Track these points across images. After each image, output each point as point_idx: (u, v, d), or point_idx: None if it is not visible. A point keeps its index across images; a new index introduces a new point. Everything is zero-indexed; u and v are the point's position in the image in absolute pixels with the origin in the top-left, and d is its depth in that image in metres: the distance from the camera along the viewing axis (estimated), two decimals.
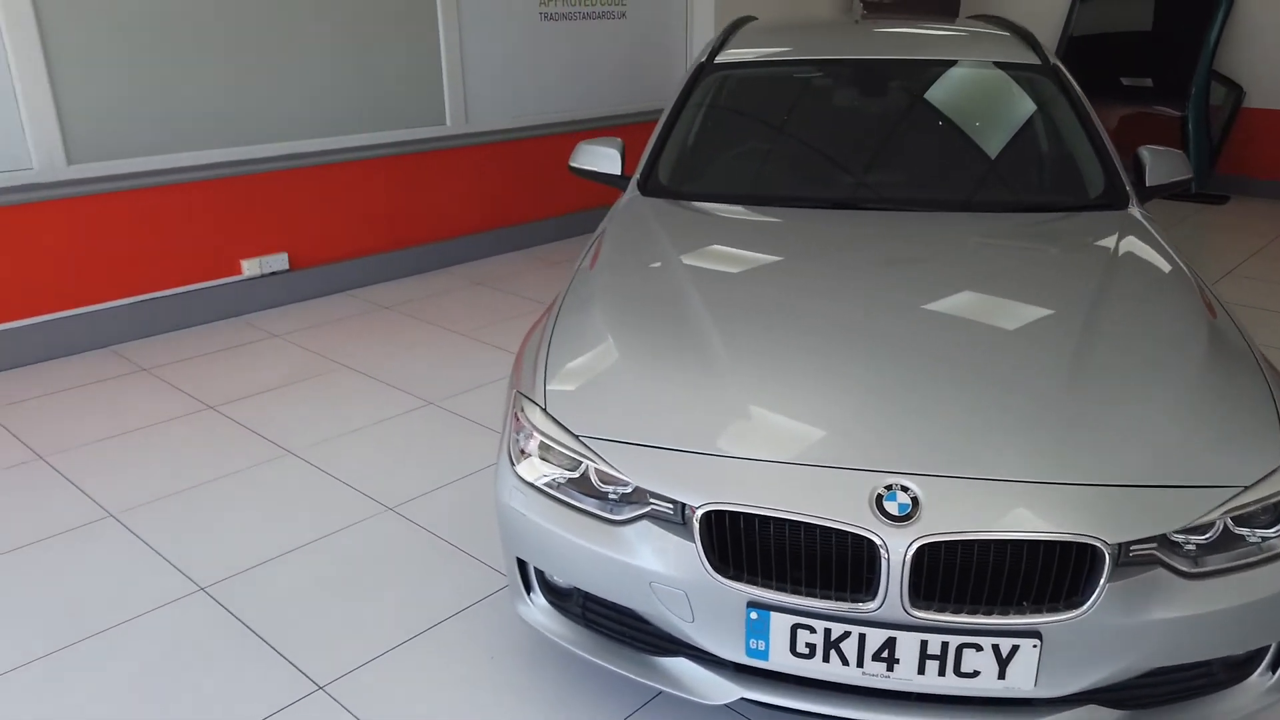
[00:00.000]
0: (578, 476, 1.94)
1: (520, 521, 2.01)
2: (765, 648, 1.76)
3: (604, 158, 3.31)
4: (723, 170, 3.23)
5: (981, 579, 1.68)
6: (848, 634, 1.71)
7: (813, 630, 1.73)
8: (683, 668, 1.92)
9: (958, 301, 2.26)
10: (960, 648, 1.68)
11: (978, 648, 1.68)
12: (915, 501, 1.70)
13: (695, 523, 1.76)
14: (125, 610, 2.49)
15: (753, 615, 1.74)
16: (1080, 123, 3.11)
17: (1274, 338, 4.45)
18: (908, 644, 1.69)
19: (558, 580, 2.07)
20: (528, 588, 2.11)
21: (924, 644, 1.69)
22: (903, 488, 1.71)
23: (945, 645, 1.68)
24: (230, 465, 3.25)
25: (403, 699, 2.18)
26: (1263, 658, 1.85)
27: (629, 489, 1.88)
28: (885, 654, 1.71)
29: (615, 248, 2.70)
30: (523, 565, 2.09)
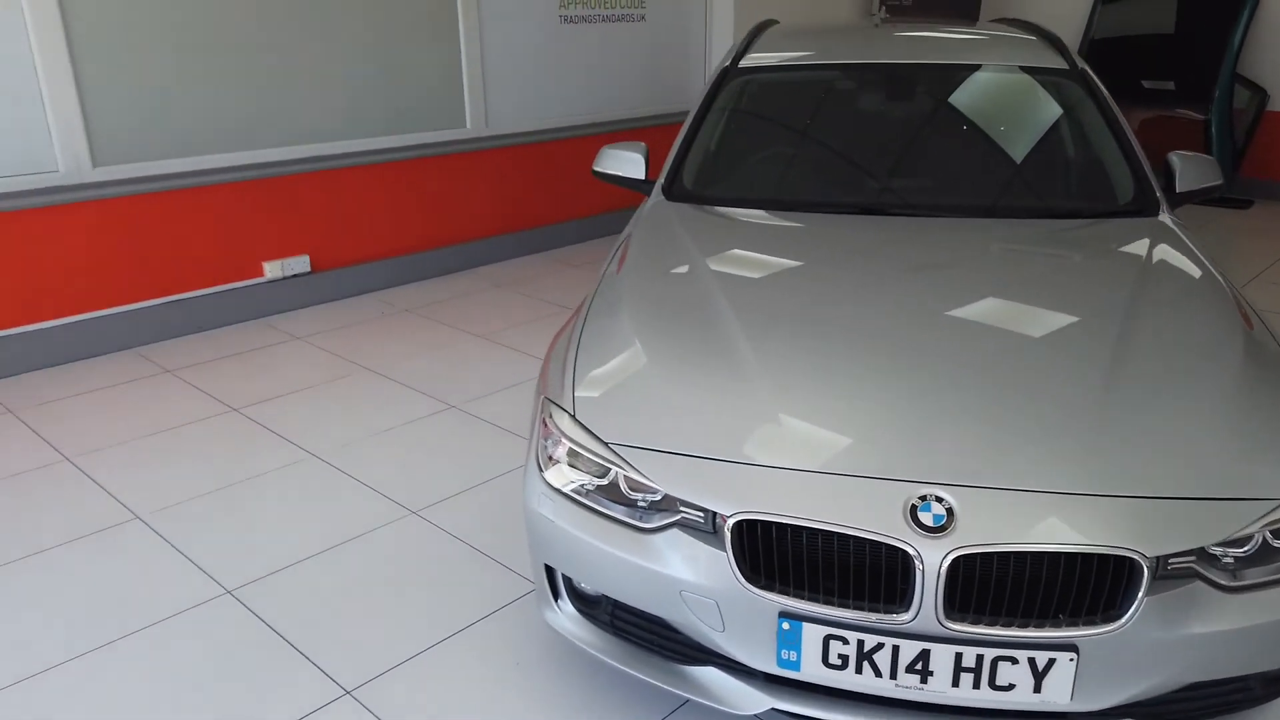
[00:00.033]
0: (606, 484, 1.94)
1: (548, 528, 2.00)
2: (797, 658, 1.75)
3: (628, 162, 3.30)
4: (748, 175, 3.22)
5: (1017, 591, 1.66)
6: (881, 645, 1.70)
7: (845, 641, 1.71)
8: (712, 677, 1.91)
9: (987, 308, 2.24)
10: (995, 660, 1.66)
11: (1013, 660, 1.66)
12: (950, 512, 1.68)
13: (727, 532, 1.75)
14: (152, 613, 2.50)
15: (785, 625, 1.73)
16: (1109, 128, 3.08)
17: None
18: (942, 656, 1.68)
19: (586, 587, 2.06)
20: (555, 595, 2.11)
21: (959, 656, 1.67)
22: (937, 498, 1.70)
23: (980, 658, 1.67)
24: (255, 468, 3.26)
25: (429, 704, 2.18)
26: None
27: (658, 496, 1.87)
28: (919, 666, 1.69)
29: (642, 252, 2.70)
30: (550, 572, 2.08)
